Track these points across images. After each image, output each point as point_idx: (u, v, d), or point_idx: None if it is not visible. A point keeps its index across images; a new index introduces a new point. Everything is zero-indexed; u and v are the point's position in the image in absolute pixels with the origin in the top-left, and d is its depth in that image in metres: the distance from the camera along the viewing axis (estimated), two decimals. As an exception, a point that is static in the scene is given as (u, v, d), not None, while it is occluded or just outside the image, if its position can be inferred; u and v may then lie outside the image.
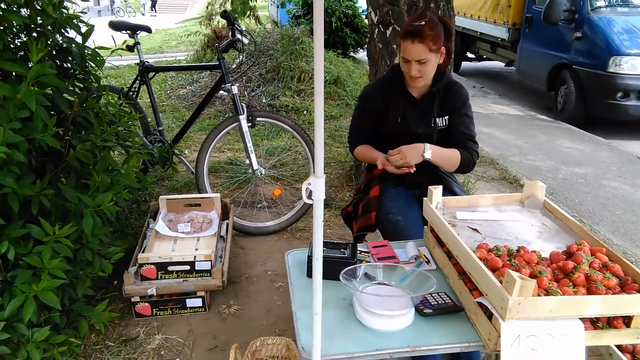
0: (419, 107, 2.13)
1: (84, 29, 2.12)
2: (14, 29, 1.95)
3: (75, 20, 2.04)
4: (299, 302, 1.52)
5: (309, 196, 1.18)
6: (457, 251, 1.50)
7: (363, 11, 11.67)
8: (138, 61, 3.11)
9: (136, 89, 3.23)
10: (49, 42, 1.94)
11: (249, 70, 5.70)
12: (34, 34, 2.02)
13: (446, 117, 2.14)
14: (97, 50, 2.18)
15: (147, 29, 3.18)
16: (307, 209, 2.96)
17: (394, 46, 3.06)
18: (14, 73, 1.90)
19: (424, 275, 1.51)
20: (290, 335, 2.10)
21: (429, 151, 1.99)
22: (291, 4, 9.89)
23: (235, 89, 2.84)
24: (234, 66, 3.02)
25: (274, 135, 4.67)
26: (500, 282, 1.26)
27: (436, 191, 1.78)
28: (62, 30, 2.09)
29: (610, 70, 5.41)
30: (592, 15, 5.77)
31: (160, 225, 2.51)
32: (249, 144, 2.83)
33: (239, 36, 2.85)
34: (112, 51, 2.56)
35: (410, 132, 2.12)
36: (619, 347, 1.49)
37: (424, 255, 1.77)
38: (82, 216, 1.95)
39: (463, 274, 1.51)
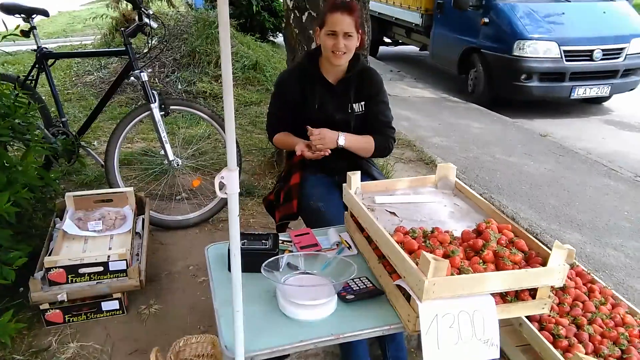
0: (336, 93, 2.13)
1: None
2: None
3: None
4: (220, 299, 1.48)
5: (222, 190, 1.14)
6: (376, 235, 1.53)
7: (280, -6, 11.48)
8: (35, 47, 2.84)
9: (34, 78, 2.96)
10: None
11: (161, 55, 5.43)
12: None
13: (362, 103, 2.16)
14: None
15: (44, 13, 2.91)
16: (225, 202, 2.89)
17: (310, 31, 3.03)
18: None
19: (345, 261, 1.52)
20: (214, 331, 2.06)
21: (342, 138, 2.02)
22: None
23: (144, 76, 2.68)
24: (145, 50, 2.85)
25: (191, 123, 4.51)
26: (417, 264, 1.30)
27: (354, 177, 1.80)
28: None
29: (515, 54, 5.75)
30: (497, 2, 6.08)
31: (68, 225, 2.33)
32: (163, 134, 2.70)
33: (146, 20, 2.70)
34: (3, 37, 2.33)
35: (328, 119, 2.12)
36: (527, 317, 1.59)
37: (345, 241, 1.79)
38: (-25, 221, 1.77)
39: (382, 258, 1.54)
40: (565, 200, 3.63)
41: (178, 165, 2.76)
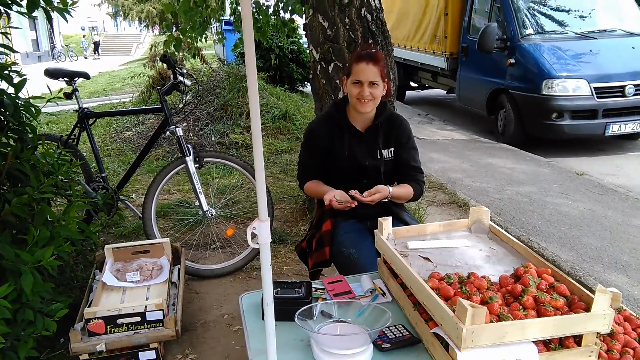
0: (365, 139, 2.17)
1: (16, 79, 2.05)
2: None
3: (6, 71, 1.97)
4: (254, 348, 1.48)
5: (254, 239, 1.16)
6: (410, 282, 1.51)
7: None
8: (77, 108, 3.02)
9: (76, 136, 3.13)
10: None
11: (195, 109, 5.66)
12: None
13: (391, 149, 2.19)
14: (31, 100, 2.11)
15: (85, 75, 3.11)
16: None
17: (337, 81, 3.13)
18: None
19: (379, 309, 1.50)
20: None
21: (390, 194, 2.07)
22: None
23: (179, 131, 2.80)
24: (180, 106, 2.98)
25: (224, 173, 4.62)
26: (453, 310, 1.27)
27: (386, 222, 1.80)
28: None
29: (544, 93, 5.74)
30: (522, 43, 6.13)
31: (107, 276, 2.39)
32: (197, 185, 2.78)
33: (180, 78, 2.84)
34: (48, 100, 2.49)
35: (358, 165, 2.15)
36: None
37: (379, 288, 1.77)
38: (20, 274, 1.84)
39: (418, 305, 1.51)
40: (608, 240, 3.50)
41: (212, 215, 2.82)
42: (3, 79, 1.99)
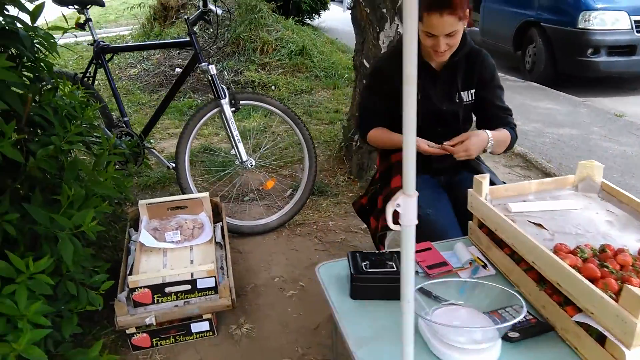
0: (441, 80, 1.86)
1: (29, 6, 1.69)
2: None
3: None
4: (354, 336, 1.25)
5: (396, 221, 0.90)
6: (535, 256, 1.26)
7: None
8: (91, 41, 2.64)
9: (92, 75, 2.77)
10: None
11: (205, 44, 5.20)
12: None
13: (472, 91, 1.89)
14: (49, 32, 1.76)
15: (100, 2, 2.71)
16: (306, 200, 2.67)
17: (384, 10, 2.75)
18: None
19: (497, 288, 1.27)
20: (314, 353, 1.85)
21: (491, 143, 1.76)
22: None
23: (213, 69, 2.46)
24: (211, 40, 2.63)
25: (244, 116, 4.29)
26: (612, 298, 1.04)
27: (485, 181, 1.54)
28: (2, 9, 1.65)
29: (580, 27, 5.31)
30: (558, -30, 5.62)
31: (144, 236, 2.15)
32: (235, 132, 2.48)
33: (211, 6, 2.46)
34: (64, 31, 2.13)
35: (433, 110, 1.86)
36: None
37: (478, 258, 1.53)
38: (56, 240, 1.59)
39: (543, 284, 1.28)
40: (665, 188, 3.28)
41: (252, 165, 2.54)
42: (15, 4, 1.64)
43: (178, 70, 5.34)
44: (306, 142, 2.61)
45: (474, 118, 1.97)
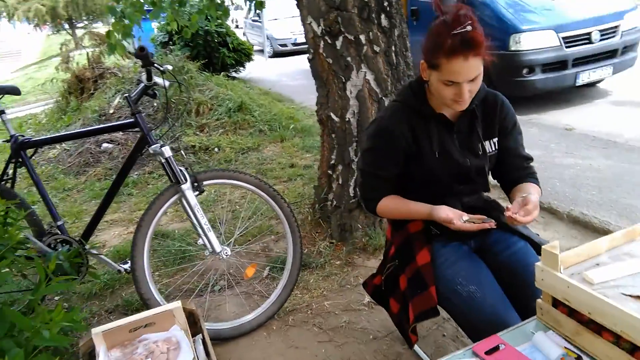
0: (458, 131, 1.57)
1: None
2: None
3: None
4: None
5: None
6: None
7: (237, 26, 10.93)
8: (7, 137, 2.14)
9: (11, 177, 2.25)
10: None
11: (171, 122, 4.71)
12: None
13: (495, 140, 1.61)
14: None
15: (14, 91, 2.22)
16: (295, 282, 2.26)
17: (348, 59, 2.48)
18: None
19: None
20: None
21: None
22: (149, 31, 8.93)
23: (167, 151, 2.04)
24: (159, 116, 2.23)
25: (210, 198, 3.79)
26: None
27: (556, 251, 1.23)
28: None
29: (513, 49, 5.41)
30: (480, -2, 5.74)
31: (108, 377, 1.64)
32: (203, 220, 2.05)
33: (157, 80, 2.08)
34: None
35: (455, 167, 1.56)
36: None
37: (571, 351, 1.20)
38: None
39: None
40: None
41: (227, 255, 2.11)
42: None
43: (106, 145, 4.81)
44: (287, 217, 2.23)
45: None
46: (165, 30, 8.36)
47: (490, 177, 1.67)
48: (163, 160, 2.03)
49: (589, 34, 5.45)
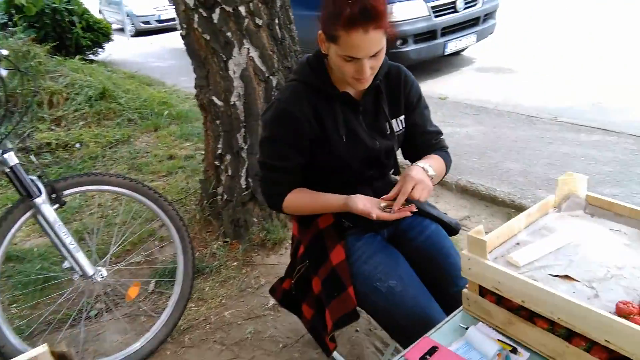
0: (364, 111, 1.42)
1: None
2: None
3: None
4: None
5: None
6: (604, 331, 0.90)
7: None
8: None
9: None
10: None
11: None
12: None
13: (401, 118, 1.48)
14: None
15: None
16: (188, 296, 1.98)
17: (228, 34, 2.20)
18: None
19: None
20: None
21: (432, 174, 1.35)
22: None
23: (12, 158, 1.62)
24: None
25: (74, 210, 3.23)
26: None
27: (479, 234, 1.13)
28: None
29: (385, 21, 5.45)
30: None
31: None
32: (68, 239, 1.68)
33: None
34: None
35: (364, 151, 1.40)
36: None
37: (504, 343, 1.12)
38: None
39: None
40: (522, 160, 3.37)
41: (103, 277, 1.76)
42: None
43: None
44: (172, 220, 1.93)
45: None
46: (2, 9, 7.17)
47: (401, 158, 1.56)
48: (7, 170, 1.61)
49: (454, 2, 5.68)
